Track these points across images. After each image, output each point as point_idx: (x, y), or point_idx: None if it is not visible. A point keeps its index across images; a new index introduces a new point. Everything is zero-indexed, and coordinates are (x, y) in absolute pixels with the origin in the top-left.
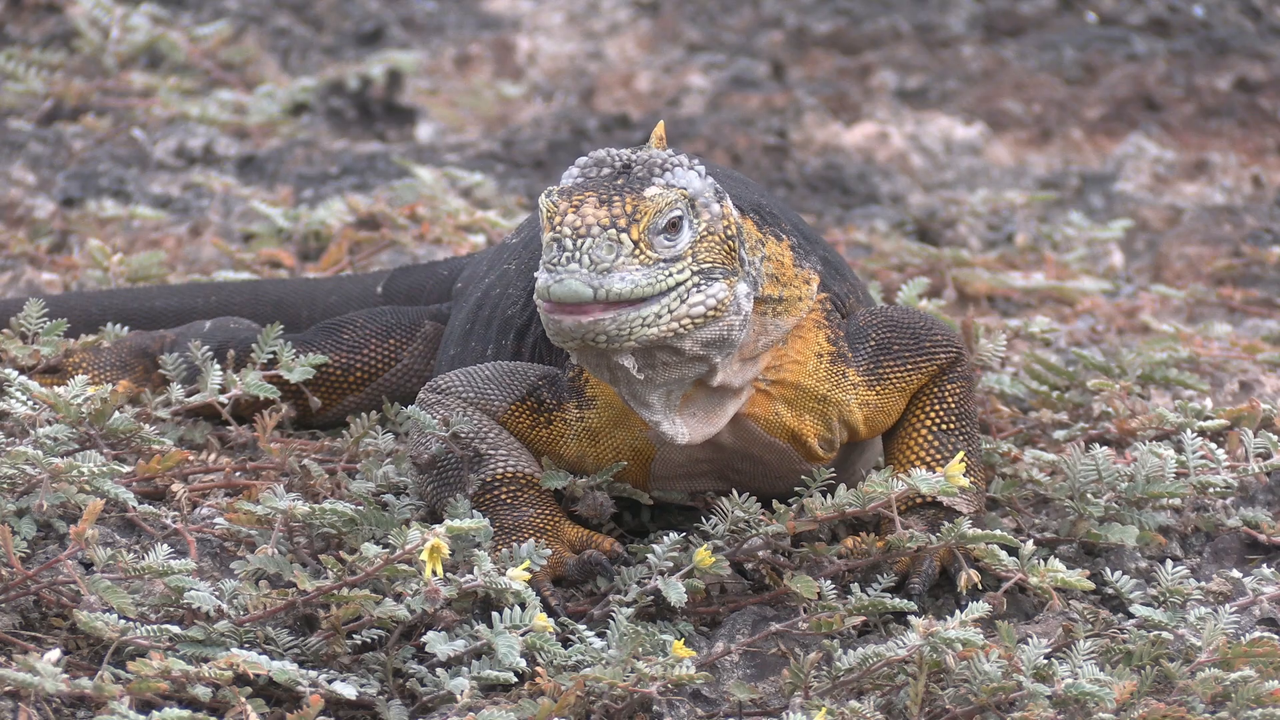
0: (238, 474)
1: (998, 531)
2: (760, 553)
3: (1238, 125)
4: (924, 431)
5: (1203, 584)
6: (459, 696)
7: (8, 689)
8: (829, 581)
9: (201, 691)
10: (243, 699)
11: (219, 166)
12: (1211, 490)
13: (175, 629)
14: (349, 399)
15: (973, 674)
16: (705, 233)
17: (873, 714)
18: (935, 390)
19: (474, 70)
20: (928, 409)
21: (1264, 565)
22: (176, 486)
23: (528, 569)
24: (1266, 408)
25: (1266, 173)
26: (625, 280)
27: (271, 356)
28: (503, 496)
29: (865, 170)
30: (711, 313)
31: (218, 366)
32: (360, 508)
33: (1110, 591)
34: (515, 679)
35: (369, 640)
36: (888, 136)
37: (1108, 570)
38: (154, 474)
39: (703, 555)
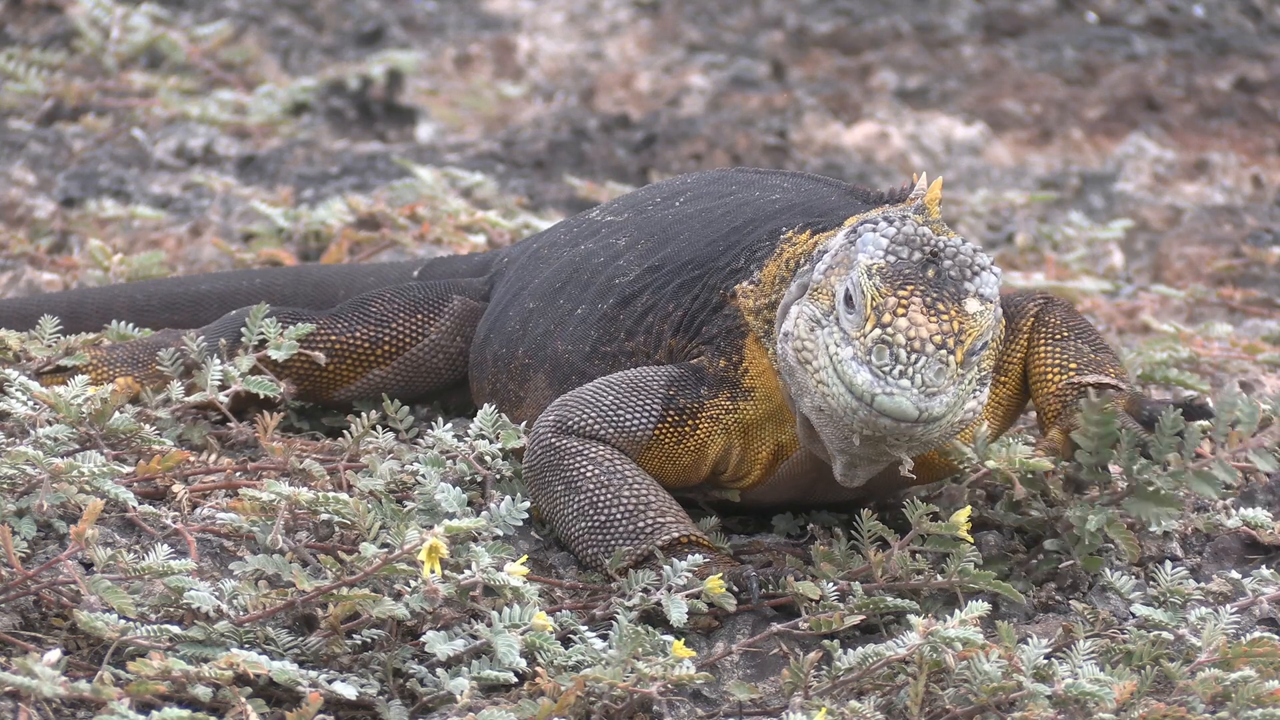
0: (238, 474)
1: (998, 579)
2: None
3: (1238, 125)
4: (1042, 352)
5: (1203, 584)
6: (459, 696)
7: (8, 689)
8: (830, 583)
9: (202, 691)
10: (243, 699)
11: (219, 166)
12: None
13: (175, 629)
14: (375, 372)
15: (973, 674)
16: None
17: (873, 714)
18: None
19: (474, 70)
20: (1037, 344)
21: (1264, 565)
22: (177, 487)
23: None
24: (1267, 408)
25: (1266, 173)
26: (943, 404)
27: (262, 338)
28: (671, 556)
29: (866, 170)
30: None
31: (217, 362)
32: (368, 502)
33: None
34: (515, 679)
35: (369, 640)
36: (888, 136)
37: (1107, 570)
38: (154, 474)
39: (714, 584)
